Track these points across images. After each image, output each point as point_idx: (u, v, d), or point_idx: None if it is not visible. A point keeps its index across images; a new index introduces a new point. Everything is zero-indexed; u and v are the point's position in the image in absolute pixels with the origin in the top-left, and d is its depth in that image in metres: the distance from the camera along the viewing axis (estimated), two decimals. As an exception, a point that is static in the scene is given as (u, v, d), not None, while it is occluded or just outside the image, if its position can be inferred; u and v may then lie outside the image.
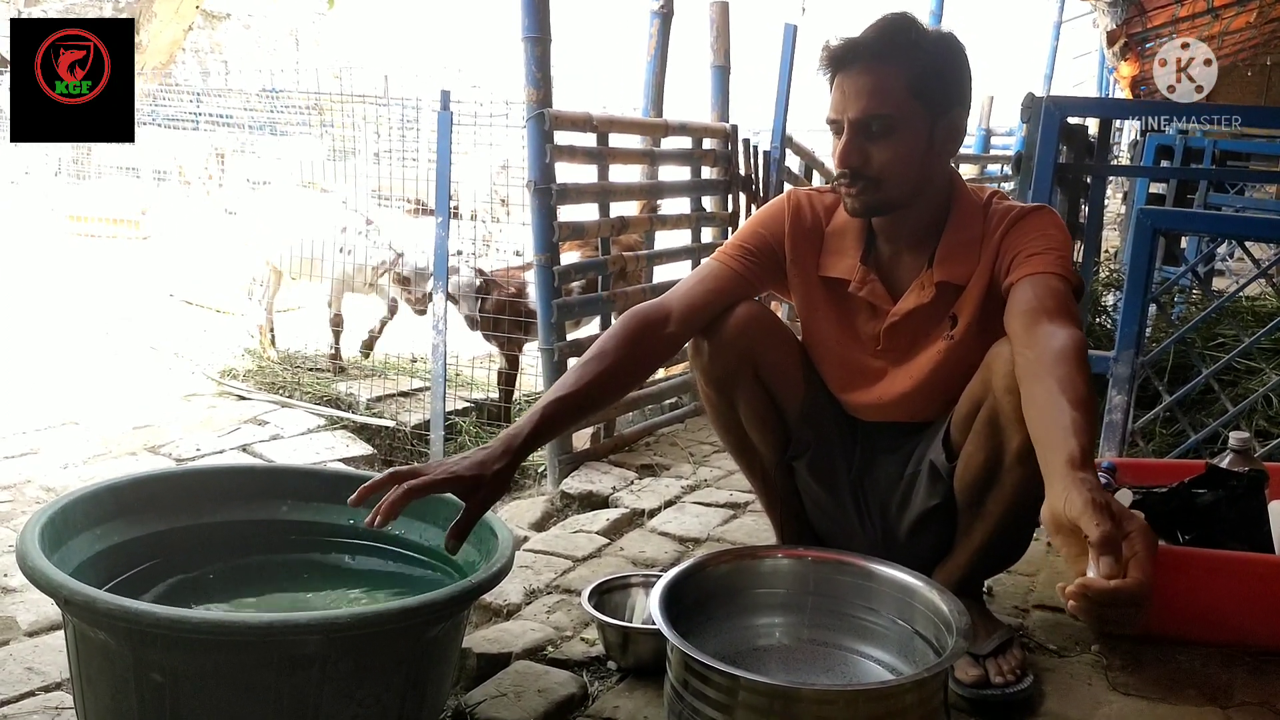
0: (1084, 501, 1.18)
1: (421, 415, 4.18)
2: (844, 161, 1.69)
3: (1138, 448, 2.88)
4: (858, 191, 1.72)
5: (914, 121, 1.69)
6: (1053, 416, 1.36)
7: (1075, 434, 1.30)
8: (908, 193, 1.74)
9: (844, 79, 1.68)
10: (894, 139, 1.68)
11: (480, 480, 1.48)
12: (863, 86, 1.67)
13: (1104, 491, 1.20)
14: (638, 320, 1.75)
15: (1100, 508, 1.17)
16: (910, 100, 1.67)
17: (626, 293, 3.36)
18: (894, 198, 1.73)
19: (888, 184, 1.71)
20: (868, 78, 1.67)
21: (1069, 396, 1.37)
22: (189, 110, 11.53)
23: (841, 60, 1.69)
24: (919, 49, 1.68)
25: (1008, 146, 9.98)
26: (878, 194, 1.72)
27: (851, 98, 1.67)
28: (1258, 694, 1.73)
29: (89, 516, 1.56)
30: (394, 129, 8.39)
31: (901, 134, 1.68)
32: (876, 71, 1.67)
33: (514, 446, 1.53)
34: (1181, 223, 3.50)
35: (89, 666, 1.37)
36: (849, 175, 1.71)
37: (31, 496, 3.13)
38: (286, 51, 18.24)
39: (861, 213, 1.77)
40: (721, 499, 2.79)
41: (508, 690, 1.67)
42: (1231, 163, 5.43)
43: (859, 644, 1.64)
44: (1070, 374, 1.42)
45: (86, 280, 6.82)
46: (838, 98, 1.69)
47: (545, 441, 1.68)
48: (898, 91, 1.67)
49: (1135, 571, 1.13)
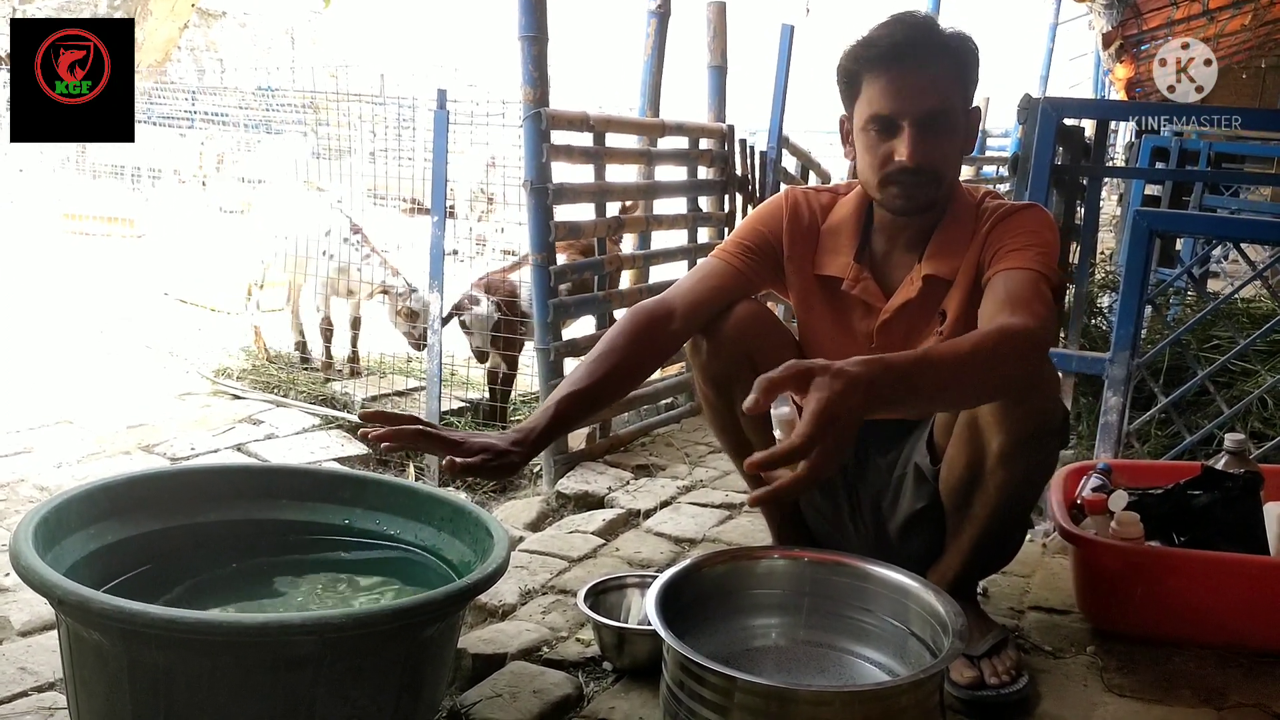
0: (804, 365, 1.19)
1: (417, 415, 4.17)
2: (918, 159, 1.67)
3: (1133, 449, 2.88)
4: (920, 186, 1.70)
5: (960, 117, 1.72)
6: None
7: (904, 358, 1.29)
8: (952, 187, 1.77)
9: (900, 75, 1.66)
10: (951, 135, 1.71)
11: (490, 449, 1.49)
12: (927, 83, 1.66)
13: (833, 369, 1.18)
14: (643, 316, 1.75)
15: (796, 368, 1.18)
16: (958, 94, 1.70)
17: (622, 292, 3.36)
18: (944, 193, 1.75)
19: (945, 179, 1.73)
20: (929, 73, 1.67)
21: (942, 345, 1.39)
22: (184, 109, 11.50)
23: (893, 56, 1.67)
24: (953, 45, 1.70)
25: (1004, 148, 10.00)
26: (938, 190, 1.73)
27: (914, 94, 1.66)
28: (1252, 695, 1.73)
29: (83, 516, 1.55)
30: (390, 128, 8.36)
31: (955, 130, 1.71)
32: (935, 67, 1.67)
33: (529, 439, 1.54)
34: (1178, 225, 3.50)
35: (82, 667, 1.37)
36: (913, 172, 1.69)
37: (25, 495, 3.11)
38: (282, 49, 18.21)
39: (915, 210, 1.75)
40: (717, 499, 2.78)
41: (503, 691, 1.67)
42: (1227, 165, 5.43)
43: (855, 645, 1.64)
44: (971, 336, 1.42)
45: (81, 278, 6.80)
46: (891, 94, 1.67)
47: (559, 436, 1.69)
48: (951, 86, 1.69)
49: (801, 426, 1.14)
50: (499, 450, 1.49)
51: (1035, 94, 3.17)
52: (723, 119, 4.06)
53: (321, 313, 4.94)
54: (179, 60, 13.71)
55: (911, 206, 1.74)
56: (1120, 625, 1.91)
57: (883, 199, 1.75)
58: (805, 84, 4.54)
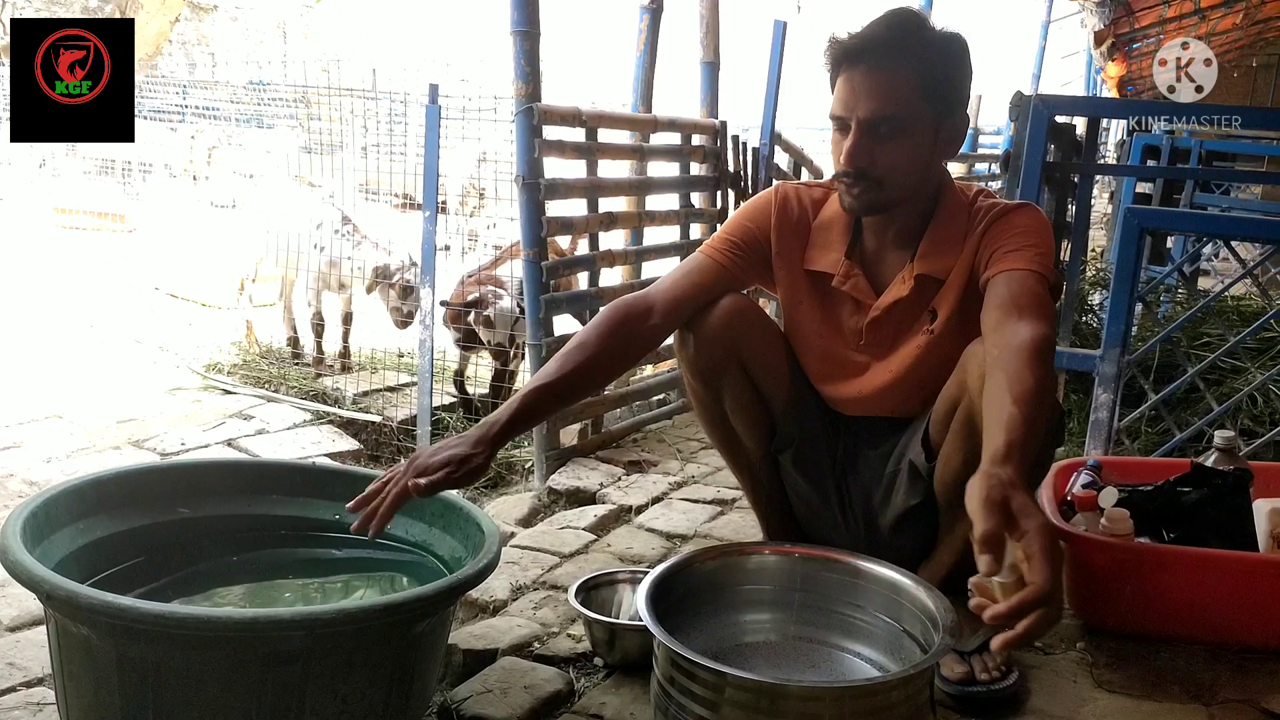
0: (980, 498, 1.16)
1: (408, 410, 4.17)
2: (851, 162, 1.67)
3: (1123, 446, 2.89)
4: (860, 191, 1.71)
5: (921, 123, 1.68)
6: (992, 412, 1.36)
7: (1006, 429, 1.29)
8: (907, 193, 1.74)
9: (854, 76, 1.65)
10: (901, 141, 1.67)
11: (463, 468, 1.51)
12: (874, 86, 1.64)
13: (1008, 486, 1.17)
14: (621, 311, 1.75)
15: (991, 504, 1.15)
16: (919, 102, 1.66)
17: (614, 288, 3.35)
18: (893, 198, 1.73)
19: (890, 185, 1.70)
20: (880, 76, 1.64)
21: (1013, 392, 1.36)
22: (175, 103, 11.47)
23: (853, 56, 1.66)
24: (930, 49, 1.67)
25: (995, 145, 10.00)
26: (879, 194, 1.71)
27: (862, 96, 1.65)
28: (1241, 691, 1.73)
29: (72, 511, 1.55)
30: (382, 123, 8.35)
31: (909, 136, 1.67)
32: (889, 71, 1.64)
33: (489, 436, 1.55)
34: (1169, 222, 3.51)
35: (71, 662, 1.36)
36: (852, 175, 1.69)
37: (14, 490, 3.10)
38: (274, 44, 18.15)
39: (859, 211, 1.76)
40: (709, 495, 2.78)
41: (494, 686, 1.67)
42: (1218, 163, 5.45)
43: (846, 641, 1.65)
44: (1019, 369, 1.41)
45: (71, 273, 6.77)
46: (846, 94, 1.67)
47: (523, 430, 1.69)
48: (908, 93, 1.65)
49: (1032, 575, 1.11)
50: (461, 458, 1.52)
51: (1027, 91, 3.18)
52: (715, 115, 4.05)
53: (313, 307, 4.93)
54: (170, 54, 13.67)
55: (856, 207, 1.74)
56: (1110, 621, 1.91)
57: (838, 195, 1.77)
58: (798, 80, 4.53)
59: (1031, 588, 1.10)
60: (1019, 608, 1.09)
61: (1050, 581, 1.10)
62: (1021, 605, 1.09)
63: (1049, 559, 1.12)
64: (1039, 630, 1.10)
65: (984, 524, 1.13)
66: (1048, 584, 1.10)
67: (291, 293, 5.06)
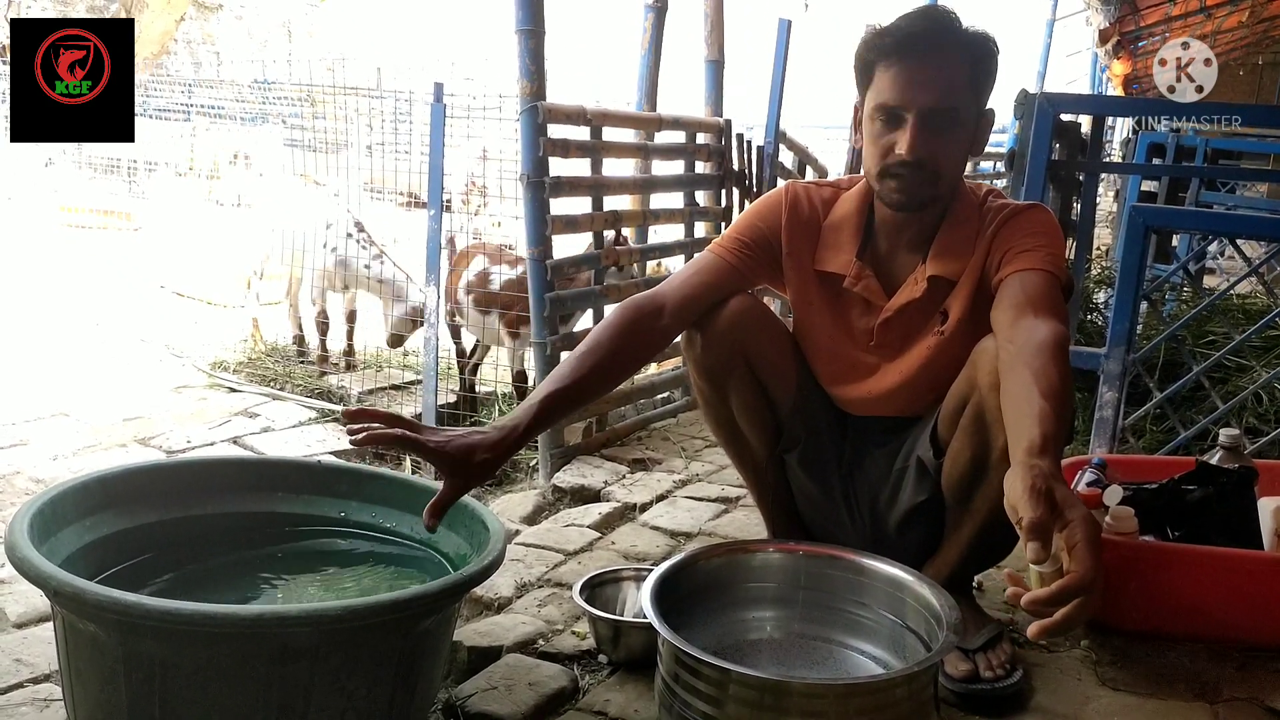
0: (1025, 487, 1.17)
1: (413, 409, 4.17)
2: (913, 152, 1.65)
3: (1128, 444, 2.89)
4: (918, 183, 1.69)
5: (969, 115, 1.69)
6: (1021, 407, 1.37)
7: (1039, 422, 1.30)
8: (952, 187, 1.74)
9: (909, 66, 1.65)
10: (956, 133, 1.68)
11: (464, 464, 1.47)
12: (935, 76, 1.64)
13: (1051, 478, 1.19)
14: (632, 311, 1.74)
15: (1037, 493, 1.16)
16: (969, 93, 1.68)
17: (619, 286, 3.36)
18: (942, 191, 1.73)
19: (944, 177, 1.70)
20: (941, 67, 1.65)
21: (1040, 387, 1.37)
22: (180, 102, 11.48)
23: (905, 46, 1.65)
24: (973, 44, 1.68)
25: (1001, 144, 9.98)
26: (935, 187, 1.71)
27: (922, 86, 1.64)
28: (1245, 689, 1.73)
29: (79, 508, 1.55)
30: (387, 121, 8.35)
31: (961, 127, 1.69)
32: (949, 61, 1.65)
33: (509, 440, 1.53)
34: (1174, 220, 3.51)
35: (78, 658, 1.37)
36: (912, 166, 1.67)
37: (21, 488, 3.11)
38: (279, 43, 18.17)
39: (911, 205, 1.73)
40: (713, 493, 2.79)
41: (498, 683, 1.67)
42: (1223, 161, 5.44)
43: (849, 638, 1.65)
44: (1045, 365, 1.42)
45: (77, 271, 6.79)
46: (901, 84, 1.65)
47: (540, 433, 1.68)
48: (963, 84, 1.67)
49: (1076, 564, 1.12)
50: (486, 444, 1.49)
51: (1032, 89, 3.18)
52: (720, 113, 4.05)
53: (317, 306, 4.94)
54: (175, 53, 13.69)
55: (907, 201, 1.72)
56: (1114, 619, 1.91)
57: (880, 191, 1.74)
58: (802, 79, 4.54)
59: (1074, 575, 1.12)
60: (1060, 594, 1.11)
61: (1094, 570, 1.12)
62: (1063, 591, 1.11)
63: (1093, 548, 1.13)
64: (1079, 618, 1.11)
65: (1032, 511, 1.14)
66: (1091, 571, 1.12)
67: (298, 291, 5.07)
